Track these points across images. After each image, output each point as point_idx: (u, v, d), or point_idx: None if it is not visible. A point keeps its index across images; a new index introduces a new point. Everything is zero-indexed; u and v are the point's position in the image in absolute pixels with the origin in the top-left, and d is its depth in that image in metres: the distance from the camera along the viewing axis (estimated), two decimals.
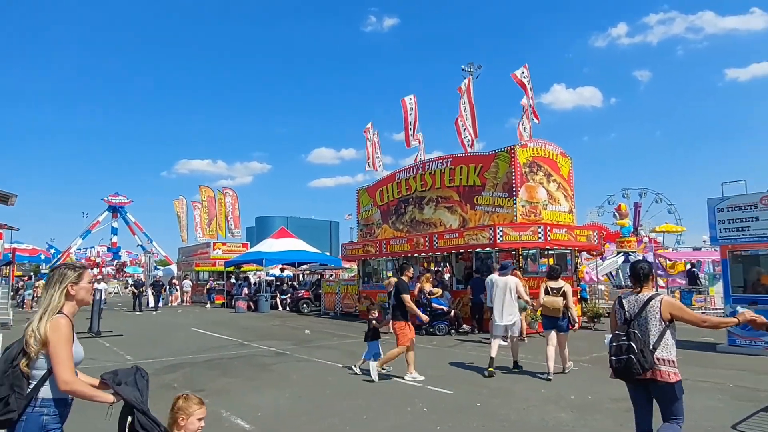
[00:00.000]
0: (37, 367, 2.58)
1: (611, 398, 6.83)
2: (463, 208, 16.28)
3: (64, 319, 2.66)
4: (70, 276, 2.78)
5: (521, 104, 15.88)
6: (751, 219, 10.60)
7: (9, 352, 2.62)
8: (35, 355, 2.56)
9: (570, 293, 8.63)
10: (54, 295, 2.70)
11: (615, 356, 3.88)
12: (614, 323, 4.15)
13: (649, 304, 3.91)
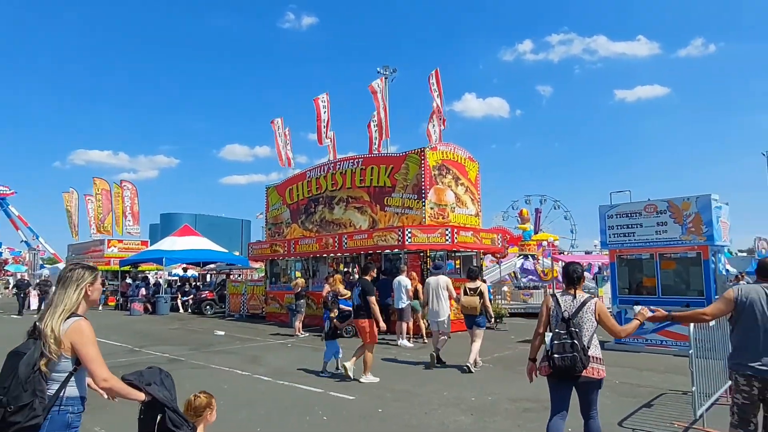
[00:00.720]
0: (58, 369, 2.61)
1: (510, 399, 6.98)
2: (373, 208, 16.21)
3: (84, 321, 2.71)
4: (87, 277, 2.81)
5: (433, 107, 16.10)
6: (636, 225, 11.41)
7: (29, 355, 2.56)
8: (55, 355, 2.58)
9: (486, 293, 9.37)
10: (72, 295, 2.73)
11: (558, 354, 3.99)
12: (546, 321, 4.32)
13: (586, 305, 4.15)
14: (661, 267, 11.02)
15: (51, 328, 2.61)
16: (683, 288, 10.94)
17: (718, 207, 10.96)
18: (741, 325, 3.98)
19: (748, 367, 3.86)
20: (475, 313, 9.04)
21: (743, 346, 3.95)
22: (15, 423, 2.47)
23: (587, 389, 4.14)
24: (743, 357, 3.92)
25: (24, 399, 2.48)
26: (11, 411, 2.47)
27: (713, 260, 10.62)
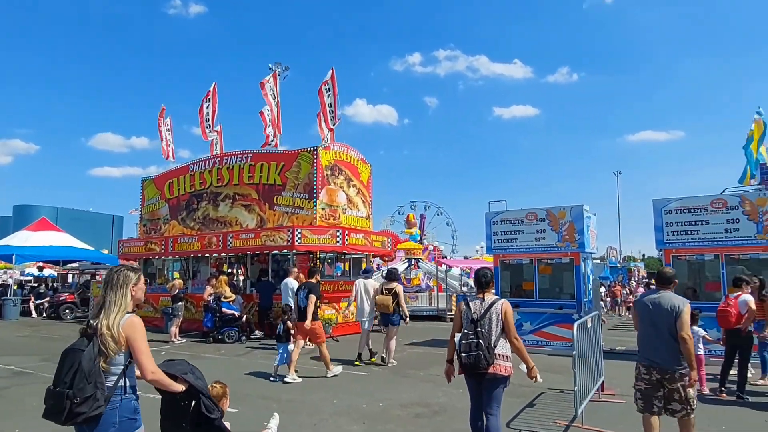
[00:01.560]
0: (115, 363, 2.83)
1: (401, 404, 6.85)
2: (261, 207, 15.48)
3: (136, 317, 2.94)
4: (132, 278, 3.03)
5: (326, 105, 15.75)
6: (518, 232, 12.02)
7: (89, 351, 2.76)
8: (114, 353, 2.80)
9: (401, 293, 10.04)
10: (125, 296, 2.95)
11: (465, 353, 4.31)
12: (459, 323, 4.61)
13: (493, 307, 4.45)
14: (539, 272, 11.70)
15: (107, 327, 2.83)
16: (557, 291, 11.70)
17: (588, 217, 11.88)
18: (641, 326, 4.79)
19: (647, 360, 4.66)
20: (389, 311, 9.66)
21: (644, 342, 4.73)
22: (82, 413, 2.70)
23: (491, 385, 4.41)
24: (646, 351, 4.70)
25: (88, 391, 2.70)
26: (77, 402, 2.68)
27: (583, 266, 11.49)
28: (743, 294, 7.56)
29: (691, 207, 10.56)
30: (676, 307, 4.53)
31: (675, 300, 4.61)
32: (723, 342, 7.89)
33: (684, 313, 4.50)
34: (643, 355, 4.72)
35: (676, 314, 4.51)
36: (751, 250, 10.03)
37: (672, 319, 4.52)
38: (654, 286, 5.18)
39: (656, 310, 4.64)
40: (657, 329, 4.61)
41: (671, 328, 4.51)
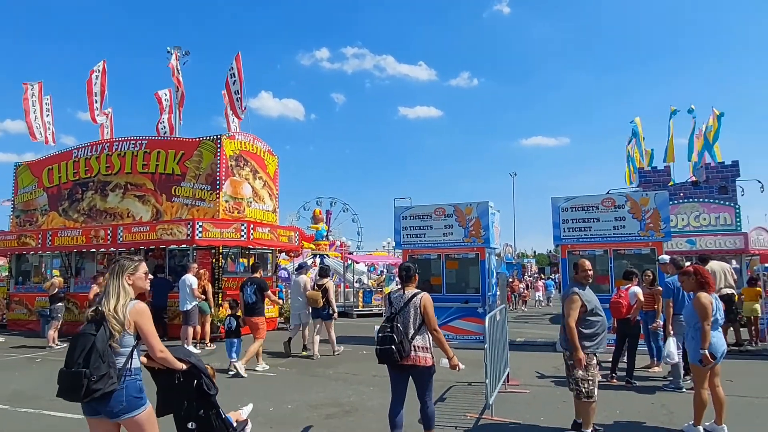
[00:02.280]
0: (124, 344, 3.14)
1: (309, 405, 6.57)
2: (157, 198, 14.35)
3: (142, 304, 3.27)
4: (127, 267, 3.33)
5: (231, 92, 14.95)
6: (427, 227, 12.14)
7: (102, 333, 3.06)
8: (119, 334, 3.10)
9: (332, 289, 10.55)
10: (122, 284, 3.25)
11: (379, 345, 4.51)
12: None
13: (412, 300, 4.60)
14: (446, 267, 11.90)
15: (112, 311, 3.12)
16: (463, 286, 11.98)
17: (493, 213, 12.28)
18: (591, 317, 5.14)
19: (599, 348, 5.04)
20: (318, 306, 10.15)
21: (595, 335, 5.11)
22: (98, 389, 2.95)
23: (417, 376, 4.60)
24: (597, 341, 5.09)
25: (103, 369, 2.97)
26: (94, 380, 2.94)
27: (488, 261, 11.86)
28: (632, 286, 8.13)
29: (584, 205, 11.24)
30: (564, 297, 5.36)
31: (567, 290, 5.40)
32: (614, 331, 8.44)
33: (565, 302, 5.23)
34: (602, 343, 5.28)
35: (563, 302, 5.36)
36: (635, 246, 10.89)
37: (562, 307, 5.33)
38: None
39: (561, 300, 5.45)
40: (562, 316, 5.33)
41: (563, 314, 5.25)
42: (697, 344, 5.27)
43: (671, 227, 11.74)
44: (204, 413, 3.48)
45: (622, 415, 6.03)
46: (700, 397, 5.27)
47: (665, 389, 7.28)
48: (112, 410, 3.07)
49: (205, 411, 3.49)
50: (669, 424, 5.68)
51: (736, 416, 5.48)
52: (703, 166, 20.95)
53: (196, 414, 3.47)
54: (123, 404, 3.08)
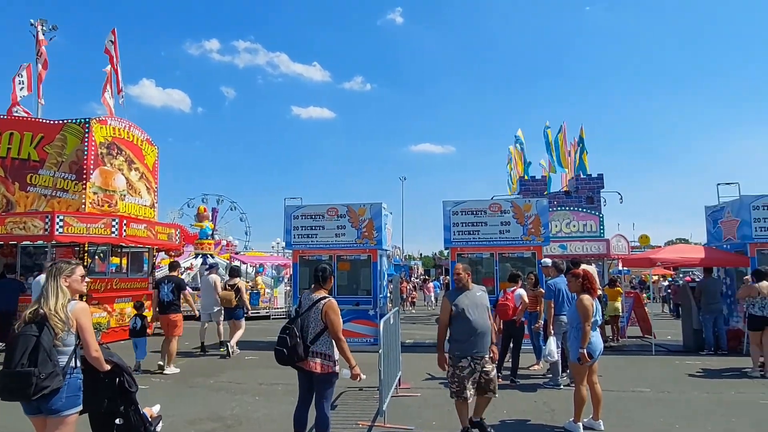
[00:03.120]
0: (67, 343, 3.29)
1: (189, 420, 5.94)
2: (8, 186, 12.46)
3: (83, 303, 3.47)
4: (64, 269, 3.49)
5: (104, 71, 13.46)
6: (319, 228, 11.79)
7: (47, 333, 3.20)
8: (63, 333, 3.25)
9: (243, 289, 10.86)
10: (59, 285, 3.39)
11: (277, 346, 4.37)
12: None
13: (316, 305, 4.43)
14: (338, 268, 11.62)
15: (53, 311, 3.28)
16: (355, 288, 11.80)
17: (386, 215, 12.26)
18: (459, 320, 5.13)
19: (469, 351, 5.07)
20: (231, 305, 10.38)
21: (463, 338, 5.09)
22: (46, 387, 3.13)
23: (315, 382, 4.45)
24: (466, 344, 5.08)
25: (50, 368, 3.16)
26: (42, 378, 3.11)
27: (380, 263, 11.79)
28: (518, 288, 8.45)
29: (473, 209, 11.59)
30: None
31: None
32: (499, 332, 8.71)
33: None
34: (469, 347, 5.21)
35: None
36: (518, 249, 11.44)
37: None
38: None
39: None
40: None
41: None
42: (578, 343, 5.52)
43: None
44: (124, 409, 3.67)
45: (509, 415, 6.17)
46: (579, 394, 5.52)
47: (545, 387, 7.62)
48: (52, 407, 3.20)
49: (125, 407, 3.68)
50: (552, 421, 5.88)
51: (606, 410, 5.80)
52: (574, 177, 22.81)
53: (118, 410, 3.65)
54: (63, 401, 3.23)
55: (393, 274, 13.98)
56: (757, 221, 10.72)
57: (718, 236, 12.14)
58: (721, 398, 6.98)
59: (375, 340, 10.77)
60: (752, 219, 10.73)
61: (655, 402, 6.79)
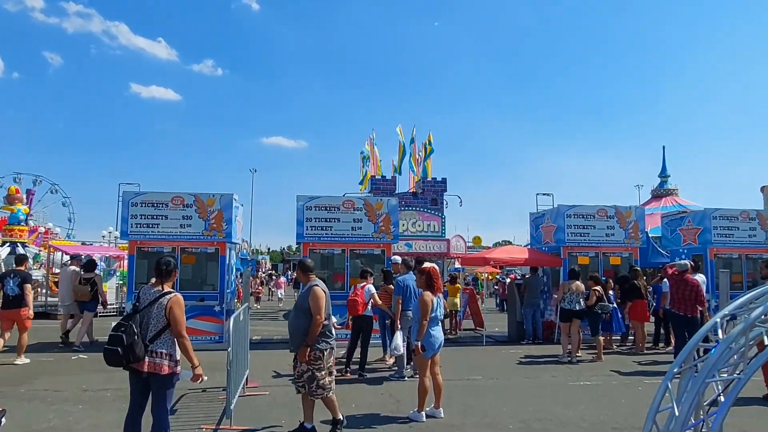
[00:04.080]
0: None
1: None
2: None
3: None
4: None
5: None
6: (161, 217, 10.85)
7: None
8: None
9: (100, 282, 11.21)
10: None
11: (108, 345, 3.95)
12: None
13: (159, 300, 4.09)
14: (182, 261, 10.80)
15: None
16: (200, 282, 11.12)
17: (237, 207, 11.75)
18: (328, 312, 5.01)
19: (328, 344, 5.01)
20: (86, 299, 10.55)
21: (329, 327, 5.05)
22: None
23: (154, 386, 4.11)
24: (326, 336, 5.03)
25: None
26: None
27: (229, 256, 11.25)
28: (368, 284, 8.66)
29: (326, 205, 11.64)
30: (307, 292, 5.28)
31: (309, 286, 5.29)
32: (349, 327, 8.86)
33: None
34: (328, 339, 5.12)
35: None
36: (369, 246, 11.75)
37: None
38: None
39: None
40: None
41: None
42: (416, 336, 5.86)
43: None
44: None
45: (357, 408, 6.29)
46: (423, 385, 5.85)
47: (391, 379, 7.94)
48: None
49: None
50: (397, 412, 6.14)
51: (446, 398, 6.21)
52: (421, 180, 24.16)
53: None
54: None
55: (242, 268, 13.46)
56: (569, 227, 12.39)
57: (539, 239, 13.79)
58: (539, 382, 7.93)
59: (221, 337, 10.29)
60: (566, 225, 12.37)
61: (486, 388, 7.47)
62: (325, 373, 5.00)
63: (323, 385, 4.98)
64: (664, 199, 25.04)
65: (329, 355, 5.07)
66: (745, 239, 12.60)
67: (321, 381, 4.96)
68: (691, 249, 12.96)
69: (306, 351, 4.87)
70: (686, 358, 3.45)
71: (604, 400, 6.80)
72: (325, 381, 5.00)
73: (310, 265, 5.37)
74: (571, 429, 5.54)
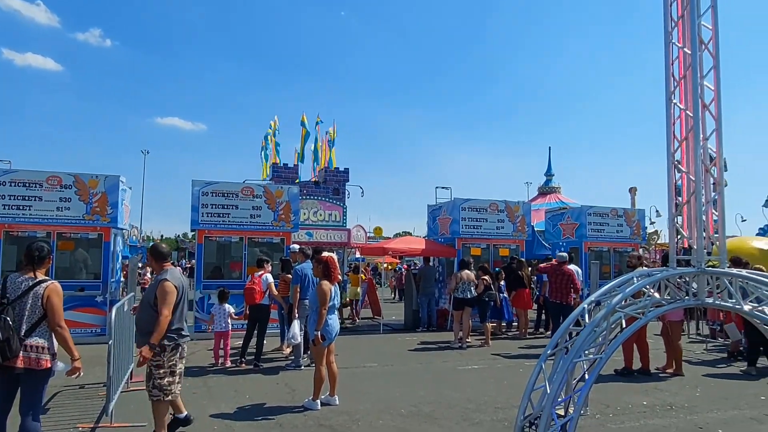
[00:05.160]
0: None
1: None
2: None
3: None
4: None
5: None
6: (34, 199, 9.86)
7: None
8: None
9: None
10: None
11: None
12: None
13: (34, 289, 3.78)
14: (57, 248, 9.89)
15: None
16: (79, 271, 10.24)
17: (124, 190, 10.97)
18: (180, 306, 4.53)
19: (173, 340, 4.44)
20: None
21: (181, 323, 4.57)
22: None
23: (28, 382, 3.78)
24: (183, 330, 4.57)
25: None
26: None
27: (113, 243, 10.48)
28: (265, 273, 8.50)
29: (224, 192, 11.23)
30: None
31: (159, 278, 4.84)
32: (245, 317, 8.66)
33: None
34: (185, 333, 4.66)
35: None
36: (268, 235, 11.51)
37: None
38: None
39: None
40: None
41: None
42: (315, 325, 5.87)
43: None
44: None
45: (251, 399, 6.19)
46: (319, 374, 5.88)
47: (287, 368, 7.88)
48: None
49: None
50: (292, 401, 6.12)
51: (341, 386, 6.29)
52: (323, 169, 24.07)
53: None
54: None
55: (133, 256, 12.60)
56: (464, 220, 13.02)
57: (436, 231, 14.35)
58: (431, 367, 8.29)
59: (103, 329, 9.58)
60: (461, 218, 12.98)
61: (381, 375, 7.67)
62: (164, 372, 4.38)
63: (160, 385, 4.37)
64: (549, 196, 27.09)
65: (173, 353, 4.42)
66: (614, 234, 14.03)
67: (158, 380, 4.36)
68: (570, 242, 14.17)
69: (149, 351, 4.25)
70: (558, 340, 3.79)
71: (489, 382, 7.26)
72: (163, 382, 4.37)
73: (163, 251, 4.74)
74: (458, 410, 5.86)
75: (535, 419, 3.58)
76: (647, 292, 3.80)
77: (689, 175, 3.78)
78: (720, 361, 9.12)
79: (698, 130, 3.66)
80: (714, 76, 3.74)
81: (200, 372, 7.56)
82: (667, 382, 7.49)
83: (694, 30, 3.68)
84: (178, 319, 4.51)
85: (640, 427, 5.37)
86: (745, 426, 5.48)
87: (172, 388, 4.44)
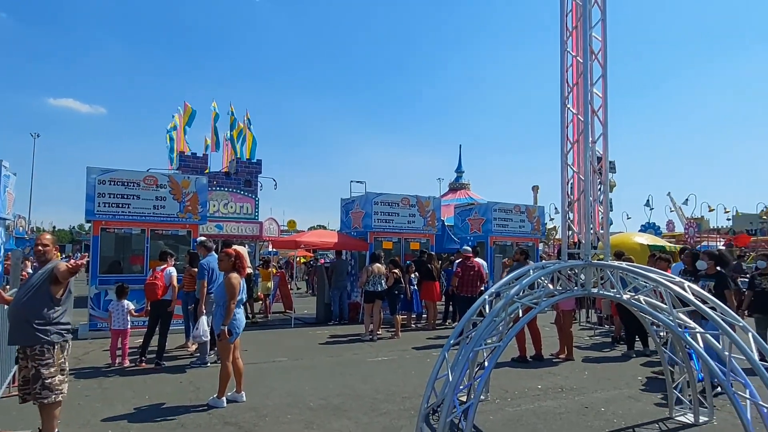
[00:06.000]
0: None
1: None
2: None
3: None
4: None
5: None
6: None
7: None
8: None
9: None
10: None
11: None
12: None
13: None
14: None
15: None
16: None
17: (7, 176, 9.93)
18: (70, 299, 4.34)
19: (62, 336, 4.26)
20: None
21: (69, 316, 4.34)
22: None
23: None
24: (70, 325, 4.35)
25: None
26: None
27: None
28: (168, 267, 8.10)
29: (124, 180, 10.54)
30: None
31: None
32: (146, 314, 8.21)
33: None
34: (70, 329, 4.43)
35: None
36: (173, 227, 10.97)
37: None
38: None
39: None
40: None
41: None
42: (222, 320, 5.71)
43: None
44: None
45: (150, 400, 5.89)
46: (225, 370, 5.71)
47: (193, 366, 7.57)
48: None
49: None
50: (196, 400, 5.89)
51: (249, 381, 6.18)
52: (234, 160, 23.28)
53: None
54: None
55: (16, 249, 11.46)
56: (376, 214, 13.17)
57: (349, 224, 14.40)
58: (341, 360, 8.33)
59: None
60: (373, 212, 13.12)
61: (291, 369, 7.59)
62: (54, 371, 4.19)
63: (50, 385, 4.14)
64: (459, 192, 28.15)
65: (62, 350, 4.28)
66: (517, 229, 14.85)
67: (48, 380, 4.14)
68: (477, 237, 14.81)
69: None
70: (461, 330, 3.97)
71: (398, 373, 7.43)
72: (54, 381, 4.17)
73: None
74: (367, 401, 5.95)
75: (437, 406, 3.73)
76: (542, 284, 4.08)
77: (579, 175, 4.09)
78: (605, 345, 9.98)
79: (588, 134, 3.96)
80: (602, 84, 4.06)
81: (94, 373, 7.07)
82: (560, 366, 8.08)
83: (586, 40, 3.97)
84: (68, 313, 4.25)
85: (534, 409, 5.75)
86: (624, 404, 6.05)
87: (63, 387, 4.24)
